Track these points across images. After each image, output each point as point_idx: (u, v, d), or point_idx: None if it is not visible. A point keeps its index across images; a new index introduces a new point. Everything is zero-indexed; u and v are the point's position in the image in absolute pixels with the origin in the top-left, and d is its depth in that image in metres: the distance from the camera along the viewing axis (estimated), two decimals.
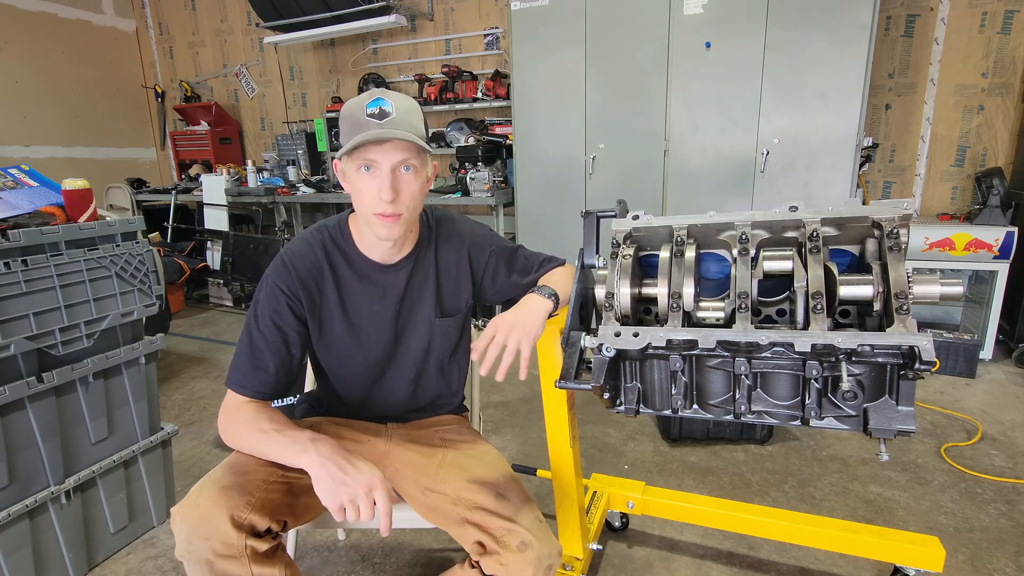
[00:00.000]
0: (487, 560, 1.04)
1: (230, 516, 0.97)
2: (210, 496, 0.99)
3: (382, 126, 1.04)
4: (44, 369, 1.50)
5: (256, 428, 1.06)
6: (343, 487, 0.95)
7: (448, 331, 1.29)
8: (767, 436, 2.31)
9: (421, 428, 1.34)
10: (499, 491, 1.11)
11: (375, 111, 1.05)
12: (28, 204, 1.59)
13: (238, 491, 1.01)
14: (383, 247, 1.18)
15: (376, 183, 1.06)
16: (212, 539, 0.95)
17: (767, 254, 1.04)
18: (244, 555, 0.96)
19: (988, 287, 3.05)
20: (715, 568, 1.66)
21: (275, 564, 1.01)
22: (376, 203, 1.07)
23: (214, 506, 0.98)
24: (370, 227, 1.12)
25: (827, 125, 3.05)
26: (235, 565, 0.96)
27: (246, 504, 0.99)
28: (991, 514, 1.85)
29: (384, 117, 1.05)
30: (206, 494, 1.00)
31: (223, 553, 0.95)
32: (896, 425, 0.92)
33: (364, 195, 1.08)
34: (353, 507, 0.95)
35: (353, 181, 1.09)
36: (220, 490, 1.00)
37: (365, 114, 1.05)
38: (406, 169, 1.08)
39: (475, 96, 4.42)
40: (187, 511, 0.99)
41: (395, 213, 1.08)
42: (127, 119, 6.03)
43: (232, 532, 0.96)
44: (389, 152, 1.05)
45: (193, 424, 2.64)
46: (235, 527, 0.96)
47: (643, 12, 3.28)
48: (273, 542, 1.02)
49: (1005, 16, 3.27)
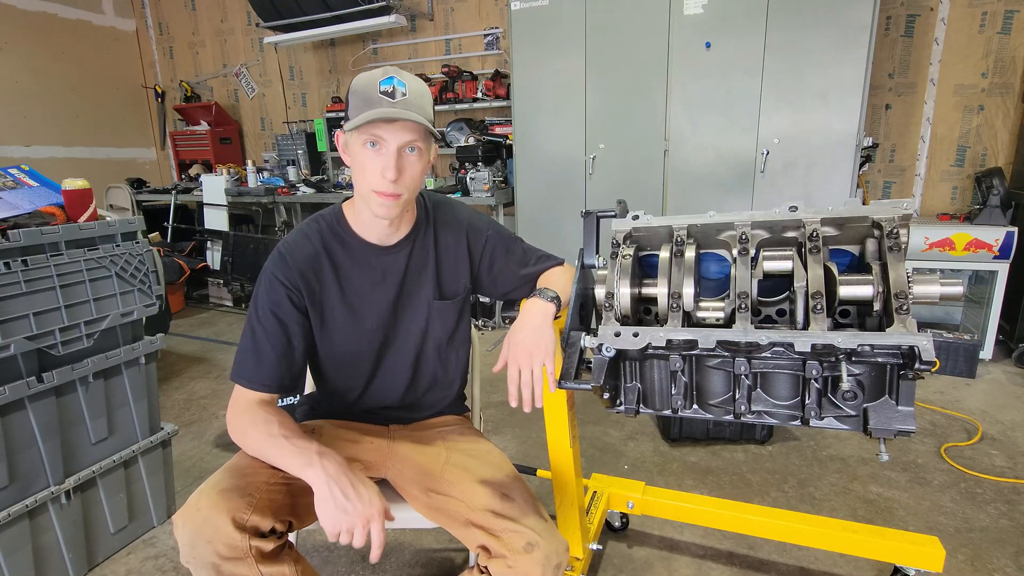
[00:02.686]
0: (495, 564, 1.03)
1: (232, 518, 0.96)
2: (210, 500, 0.99)
3: (394, 105, 1.04)
4: (44, 369, 1.50)
5: (265, 432, 1.06)
6: (343, 515, 0.95)
7: (446, 315, 1.28)
8: (767, 436, 2.31)
9: (423, 429, 1.34)
10: (504, 492, 1.11)
11: (388, 89, 1.05)
12: (28, 204, 1.59)
13: (238, 493, 1.01)
14: (380, 227, 1.18)
15: (381, 161, 1.06)
16: (215, 542, 0.95)
17: (767, 254, 1.04)
18: (250, 556, 0.96)
19: (988, 287, 3.05)
20: (715, 568, 1.66)
21: (283, 562, 1.01)
22: (378, 181, 1.06)
23: (215, 509, 0.97)
24: (368, 204, 1.12)
25: (827, 125, 3.05)
26: (241, 566, 0.96)
27: (247, 505, 0.99)
28: (991, 514, 1.85)
29: (397, 96, 1.05)
30: (206, 498, 1.00)
31: (228, 555, 0.95)
32: (896, 425, 0.92)
33: (366, 171, 1.08)
34: (348, 535, 0.95)
35: (356, 155, 1.09)
36: (220, 493, 1.00)
37: (378, 91, 1.04)
38: (411, 150, 1.08)
39: (475, 96, 4.42)
40: (189, 516, 0.98)
41: (396, 193, 1.08)
42: (127, 119, 6.03)
43: (235, 534, 0.96)
44: (398, 132, 1.05)
45: (193, 424, 2.64)
46: (238, 528, 0.96)
47: (643, 12, 3.28)
48: (279, 542, 1.02)
49: (1005, 16, 3.27)
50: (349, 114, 1.07)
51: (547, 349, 1.09)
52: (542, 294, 1.17)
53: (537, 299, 1.16)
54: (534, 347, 1.09)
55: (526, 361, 1.08)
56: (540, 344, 1.09)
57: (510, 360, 1.10)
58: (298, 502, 1.09)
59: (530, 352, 1.09)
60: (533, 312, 1.14)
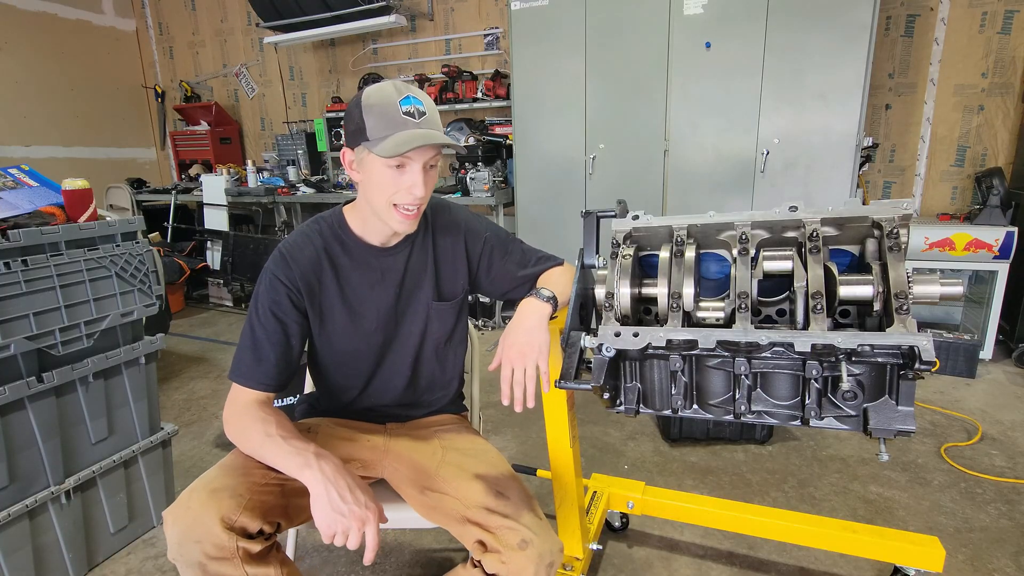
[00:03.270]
0: (488, 558, 1.04)
1: (221, 518, 0.97)
2: (200, 499, 0.99)
3: (419, 125, 1.05)
4: (44, 369, 1.50)
5: (263, 431, 1.06)
6: (339, 517, 0.95)
7: (444, 316, 1.29)
8: (767, 436, 2.31)
9: (420, 428, 1.34)
10: (499, 489, 1.11)
11: (410, 110, 1.05)
12: (28, 204, 1.59)
13: (228, 493, 1.01)
14: (384, 233, 1.19)
15: (407, 179, 1.07)
16: (204, 542, 0.95)
17: (767, 254, 1.04)
18: (236, 556, 0.96)
19: (988, 287, 3.05)
20: (715, 568, 1.66)
21: (270, 564, 1.01)
22: (401, 195, 1.08)
23: (204, 509, 0.98)
24: (386, 219, 1.12)
25: (827, 125, 3.05)
26: (228, 567, 0.96)
27: (237, 507, 0.99)
28: (991, 514, 1.85)
29: (420, 116, 1.05)
30: (197, 496, 1.00)
31: (215, 555, 0.96)
32: (896, 425, 0.92)
33: (387, 187, 1.08)
34: (343, 537, 0.95)
35: (375, 175, 1.08)
36: (211, 493, 1.00)
37: (400, 112, 1.04)
38: (431, 167, 1.11)
39: (475, 96, 4.42)
40: (178, 514, 0.99)
41: (419, 207, 1.11)
42: (127, 119, 6.02)
43: (223, 534, 0.96)
44: (425, 151, 1.06)
45: (193, 424, 2.64)
46: (226, 529, 0.96)
47: (643, 12, 3.28)
48: (267, 543, 1.02)
49: (1005, 16, 3.27)
50: (370, 135, 1.04)
51: (541, 349, 1.09)
52: (538, 294, 1.17)
53: (533, 299, 1.16)
54: (527, 347, 1.08)
55: (519, 361, 1.08)
56: (534, 344, 1.09)
57: (504, 359, 1.10)
58: (290, 503, 1.09)
59: (523, 352, 1.08)
60: (528, 312, 1.14)
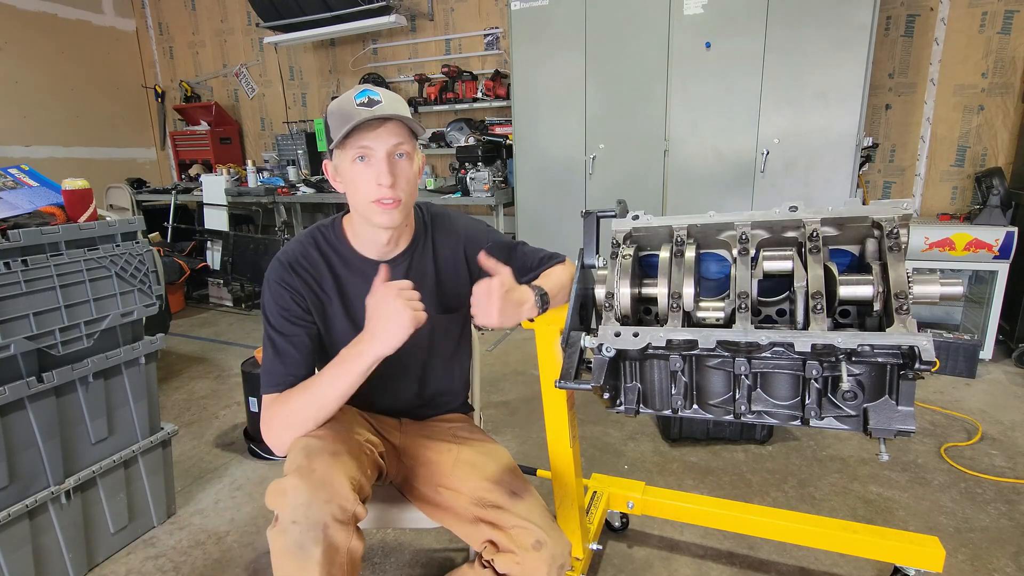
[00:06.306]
0: (501, 558, 1.04)
1: (349, 477, 0.97)
2: (325, 461, 0.98)
3: (373, 112, 1.05)
4: (44, 369, 1.50)
5: (302, 390, 1.06)
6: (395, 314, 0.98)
7: (450, 328, 1.29)
8: (767, 436, 2.31)
9: (433, 425, 1.34)
10: (512, 489, 1.12)
11: (364, 100, 1.06)
12: (28, 204, 1.59)
13: (347, 455, 1.01)
14: (379, 243, 1.18)
15: (373, 171, 1.07)
16: (332, 502, 0.94)
17: (767, 254, 1.04)
18: (352, 523, 0.96)
19: (988, 287, 3.05)
20: (715, 568, 1.66)
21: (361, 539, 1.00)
22: (374, 190, 1.07)
23: (331, 469, 0.96)
24: (369, 218, 1.12)
25: (827, 125, 3.05)
26: (342, 533, 0.95)
27: (358, 467, 1.00)
28: (991, 514, 1.85)
29: (374, 105, 1.06)
30: (320, 459, 0.98)
31: (340, 518, 0.94)
32: (896, 425, 0.92)
33: (360, 185, 1.08)
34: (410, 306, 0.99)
35: (347, 174, 1.09)
36: (332, 455, 0.99)
37: (355, 105, 1.06)
38: (400, 156, 1.09)
39: (475, 96, 4.42)
40: (303, 475, 0.95)
41: (395, 198, 1.08)
42: (127, 119, 6.02)
43: (351, 496, 0.96)
44: (383, 137, 1.06)
45: (193, 424, 2.64)
46: (354, 490, 0.97)
47: (643, 12, 3.28)
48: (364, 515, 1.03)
49: (1005, 16, 3.27)
50: (333, 135, 1.08)
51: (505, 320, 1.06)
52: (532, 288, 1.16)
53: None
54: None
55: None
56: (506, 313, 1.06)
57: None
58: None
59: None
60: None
